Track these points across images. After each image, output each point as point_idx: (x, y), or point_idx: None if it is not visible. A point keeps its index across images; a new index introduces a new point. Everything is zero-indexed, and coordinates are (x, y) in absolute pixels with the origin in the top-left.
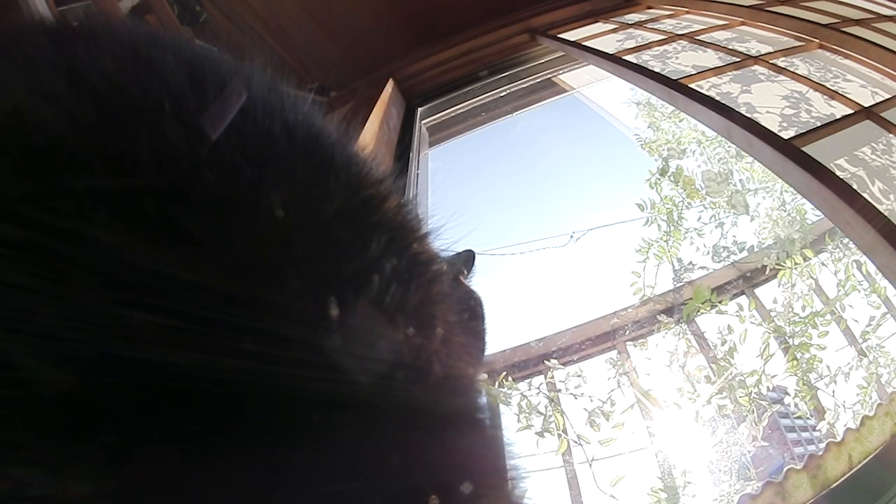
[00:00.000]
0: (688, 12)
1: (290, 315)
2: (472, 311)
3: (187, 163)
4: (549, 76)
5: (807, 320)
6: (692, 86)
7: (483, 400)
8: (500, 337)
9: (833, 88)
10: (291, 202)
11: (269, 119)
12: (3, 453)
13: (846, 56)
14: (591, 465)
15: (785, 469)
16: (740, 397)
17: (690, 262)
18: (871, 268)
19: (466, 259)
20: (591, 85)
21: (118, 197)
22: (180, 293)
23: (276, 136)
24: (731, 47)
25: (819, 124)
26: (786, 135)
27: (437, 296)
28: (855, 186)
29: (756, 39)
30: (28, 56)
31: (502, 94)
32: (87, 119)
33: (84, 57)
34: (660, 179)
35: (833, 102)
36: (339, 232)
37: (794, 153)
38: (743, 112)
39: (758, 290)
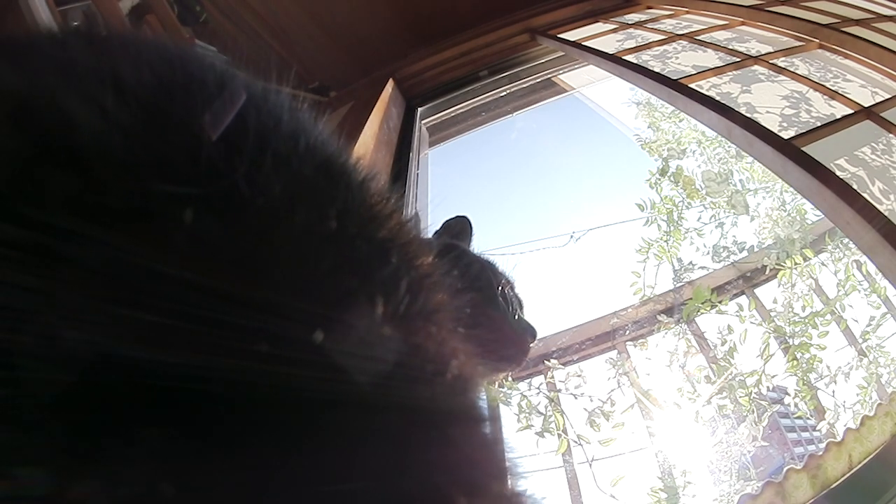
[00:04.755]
0: (688, 12)
1: (302, 319)
2: (483, 281)
3: (223, 174)
4: (549, 76)
5: (807, 320)
6: (692, 86)
7: (483, 400)
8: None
9: (833, 88)
10: (316, 217)
11: (294, 139)
12: (3, 453)
13: (846, 56)
14: (591, 465)
15: (785, 469)
16: (740, 397)
17: (690, 262)
18: (871, 268)
19: (461, 227)
20: (591, 85)
21: (153, 202)
22: (212, 300)
23: (302, 156)
24: (731, 47)
25: (819, 124)
26: (786, 135)
27: (437, 304)
28: (855, 186)
29: (756, 39)
30: (74, 62)
31: (502, 94)
32: (129, 125)
33: (127, 68)
34: (660, 179)
35: (833, 102)
36: (360, 245)
37: (794, 153)
38: (743, 112)
39: (758, 290)
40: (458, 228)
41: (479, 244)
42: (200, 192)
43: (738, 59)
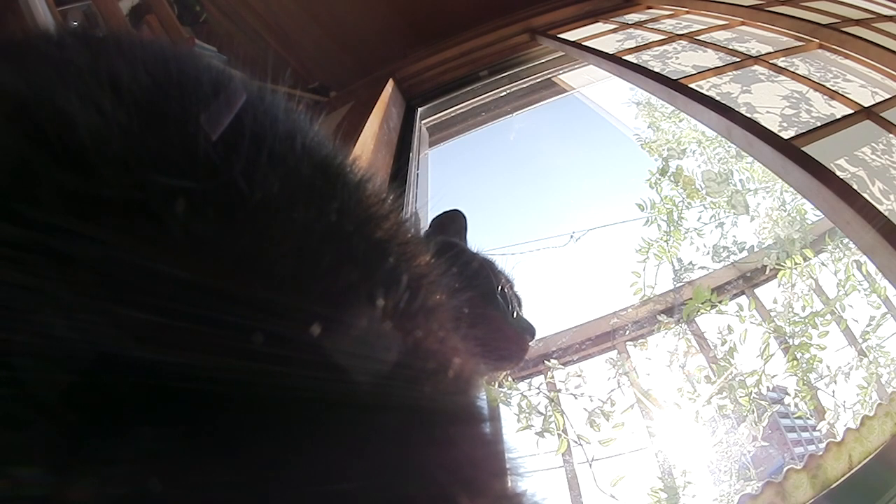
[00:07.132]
0: (688, 12)
1: (300, 317)
2: (482, 279)
3: (221, 172)
4: (549, 76)
5: (807, 320)
6: (692, 86)
7: (483, 400)
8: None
9: (833, 88)
10: (314, 215)
11: (290, 138)
12: (3, 453)
13: (846, 56)
14: (591, 465)
15: (785, 469)
16: (740, 397)
17: (690, 262)
18: (871, 268)
19: (454, 222)
20: (591, 85)
21: (152, 200)
22: (205, 298)
23: (298, 155)
24: (731, 47)
25: (819, 124)
26: (786, 135)
27: (436, 303)
28: (855, 186)
29: (756, 39)
30: (71, 62)
31: (502, 94)
32: (126, 124)
33: (123, 68)
34: (660, 179)
35: (833, 102)
36: (358, 244)
37: (794, 153)
38: (743, 112)
39: (758, 290)
40: (452, 224)
41: (479, 244)
42: (199, 189)
43: (738, 59)
